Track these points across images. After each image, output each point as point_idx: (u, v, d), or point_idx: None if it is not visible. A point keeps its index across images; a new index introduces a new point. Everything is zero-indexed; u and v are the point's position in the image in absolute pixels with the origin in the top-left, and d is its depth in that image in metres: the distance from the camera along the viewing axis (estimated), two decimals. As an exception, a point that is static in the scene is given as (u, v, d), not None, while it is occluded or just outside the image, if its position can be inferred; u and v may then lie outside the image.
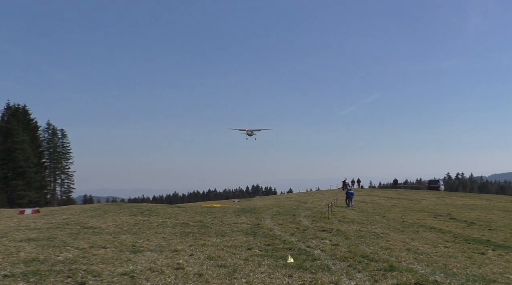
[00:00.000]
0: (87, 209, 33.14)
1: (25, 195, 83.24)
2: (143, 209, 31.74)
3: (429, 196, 63.40)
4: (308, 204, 45.91)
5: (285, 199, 58.28)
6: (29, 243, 16.48)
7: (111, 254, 14.76)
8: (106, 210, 31.03)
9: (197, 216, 28.34)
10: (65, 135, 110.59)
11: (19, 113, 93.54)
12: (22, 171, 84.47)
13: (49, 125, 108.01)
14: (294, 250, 16.64)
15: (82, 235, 19.30)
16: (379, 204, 47.29)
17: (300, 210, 35.82)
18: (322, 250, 16.85)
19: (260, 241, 18.69)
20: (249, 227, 23.62)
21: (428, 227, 29.11)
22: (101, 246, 16.25)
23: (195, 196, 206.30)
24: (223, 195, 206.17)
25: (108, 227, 22.36)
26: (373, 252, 17.29)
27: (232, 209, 34.82)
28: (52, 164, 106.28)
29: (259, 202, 53.72)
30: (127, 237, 18.82)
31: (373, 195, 60.96)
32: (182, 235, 19.88)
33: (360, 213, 35.65)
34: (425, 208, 44.18)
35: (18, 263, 13.00)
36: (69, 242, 16.86)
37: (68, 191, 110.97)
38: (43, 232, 20.17)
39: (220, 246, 17.08)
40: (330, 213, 31.42)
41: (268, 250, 16.41)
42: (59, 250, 15.14)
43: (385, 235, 23.19)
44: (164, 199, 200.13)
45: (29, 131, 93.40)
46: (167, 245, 16.84)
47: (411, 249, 18.92)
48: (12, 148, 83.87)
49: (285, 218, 28.28)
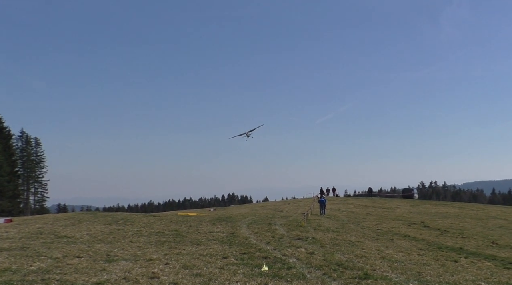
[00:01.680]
0: (61, 218, 32.79)
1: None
2: (118, 218, 31.53)
3: (403, 204, 63.88)
4: (284, 212, 46.03)
5: (260, 208, 58.33)
6: (1, 253, 16.29)
7: (85, 263, 14.65)
8: (81, 219, 30.76)
9: (172, 225, 28.24)
10: (39, 143, 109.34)
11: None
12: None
13: (23, 134, 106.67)
14: (269, 258, 16.67)
15: (56, 244, 19.12)
16: (354, 213, 47.54)
17: (275, 218, 35.89)
18: (297, 259, 16.91)
19: (236, 249, 18.69)
20: (224, 235, 23.60)
21: (402, 235, 29.36)
22: (75, 255, 16.12)
23: (170, 205, 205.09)
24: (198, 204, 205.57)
25: (82, 236, 22.19)
26: (348, 260, 17.39)
27: (207, 218, 34.77)
28: (25, 173, 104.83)
29: (235, 211, 53.71)
30: (101, 246, 18.68)
31: (348, 204, 61.23)
32: (157, 244, 19.80)
33: (335, 221, 35.82)
34: (400, 216, 44.54)
35: (-10, 273, 12.83)
36: (43, 252, 16.70)
37: (42, 200, 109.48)
38: (15, 241, 19.93)
39: (196, 255, 17.05)
40: (305, 222, 31.54)
41: (244, 259, 16.42)
42: (32, 259, 14.99)
43: (360, 243, 23.33)
44: (139, 208, 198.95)
45: (2, 140, 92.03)
46: (142, 254, 16.76)
47: (386, 257, 19.07)
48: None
49: (261, 227, 28.32)
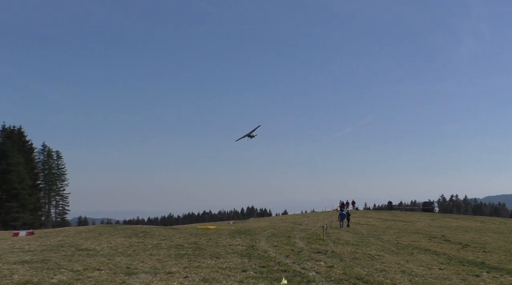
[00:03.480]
0: (81, 231, 33.02)
1: (19, 217, 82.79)
2: (137, 231, 31.67)
3: (423, 218, 63.34)
4: (303, 225, 45.87)
5: (280, 221, 58.18)
6: (23, 266, 16.44)
7: (106, 276, 14.74)
8: (101, 232, 30.93)
9: (192, 238, 28.28)
10: (60, 156, 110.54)
11: (15, 135, 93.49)
12: (16, 193, 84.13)
13: (45, 147, 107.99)
14: (289, 272, 16.63)
15: (76, 257, 19.26)
16: (374, 226, 47.23)
17: (295, 231, 35.78)
18: (317, 272, 16.85)
19: (255, 263, 18.66)
20: (244, 249, 23.57)
21: (423, 249, 29.08)
22: (96, 268, 16.22)
23: (190, 218, 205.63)
24: (218, 217, 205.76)
25: (102, 249, 22.32)
26: (368, 274, 17.29)
27: (227, 231, 34.75)
28: (47, 186, 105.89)
29: (254, 224, 53.65)
30: (121, 259, 18.77)
31: (368, 217, 60.88)
32: (177, 257, 19.84)
33: (355, 235, 35.60)
34: (420, 230, 44.14)
35: (12, 285, 12.99)
36: (63, 265, 16.82)
37: (63, 213, 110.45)
38: (37, 254, 20.11)
39: (215, 268, 17.06)
40: (325, 235, 31.40)
41: (263, 272, 16.39)
42: (53, 272, 15.12)
43: (380, 257, 23.17)
44: (159, 221, 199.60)
45: (24, 153, 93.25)
46: (161, 267, 16.81)
47: (406, 271, 18.92)
48: (7, 170, 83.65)
49: (280, 240, 28.24)
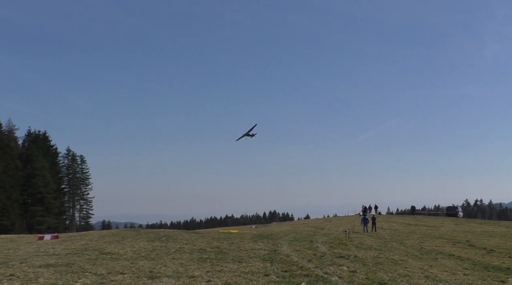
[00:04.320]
0: (105, 235, 33.31)
1: (44, 221, 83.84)
2: (160, 235, 31.83)
3: (447, 222, 62.69)
4: (326, 230, 45.71)
5: (302, 225, 58.02)
6: (48, 269, 16.63)
7: (129, 280, 14.84)
8: (124, 236, 31.17)
9: (214, 242, 28.34)
10: (84, 161, 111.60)
11: (39, 140, 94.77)
12: (41, 197, 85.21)
13: (69, 151, 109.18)
14: (311, 276, 16.58)
15: (100, 261, 19.43)
16: (397, 231, 46.88)
17: (317, 236, 35.67)
18: (339, 277, 16.78)
19: (277, 267, 18.64)
20: (266, 253, 23.56)
21: (447, 254, 28.79)
22: (119, 272, 16.34)
23: (212, 222, 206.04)
24: (240, 221, 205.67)
25: (126, 253, 22.48)
26: (391, 279, 17.17)
27: (249, 235, 34.76)
28: (71, 190, 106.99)
29: (276, 228, 53.57)
30: (144, 263, 18.89)
31: (391, 222, 60.45)
32: (200, 261, 19.90)
33: (378, 240, 35.37)
34: (444, 235, 43.68)
35: (37, 288, 13.16)
36: (87, 268, 16.98)
37: (87, 216, 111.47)
38: (61, 258, 20.33)
39: (237, 272, 17.07)
40: (347, 240, 31.25)
41: (285, 277, 16.37)
42: (77, 276, 15.27)
43: (403, 262, 23.00)
44: (181, 225, 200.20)
45: (49, 157, 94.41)
46: (184, 271, 16.88)
47: (430, 276, 18.75)
48: (32, 174, 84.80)
49: (302, 244, 28.18)
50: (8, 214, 77.05)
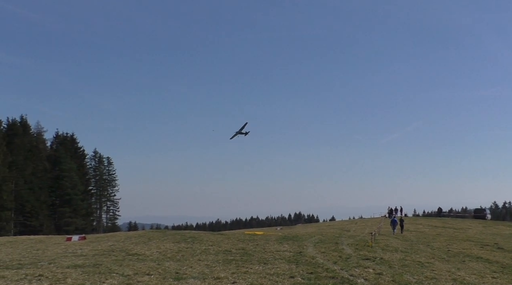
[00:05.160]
0: (131, 236, 33.58)
1: (72, 222, 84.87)
2: (186, 236, 31.99)
3: (475, 225, 61.90)
4: (351, 232, 45.49)
5: (327, 227, 57.82)
6: (75, 270, 16.84)
7: (155, 281, 14.96)
8: (150, 237, 31.38)
9: (239, 244, 28.38)
10: (111, 162, 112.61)
11: (67, 142, 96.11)
12: (69, 199, 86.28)
13: (96, 153, 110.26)
14: (337, 278, 16.52)
15: (127, 262, 19.61)
16: (423, 233, 46.46)
17: (343, 238, 35.50)
18: (365, 279, 16.69)
19: (303, 269, 18.60)
20: (291, 255, 23.52)
21: (475, 257, 28.44)
22: (145, 273, 16.48)
23: (237, 224, 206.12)
24: (265, 223, 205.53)
25: (152, 254, 22.65)
26: (418, 281, 17.03)
27: (274, 237, 34.75)
28: (98, 192, 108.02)
29: (302, 230, 53.47)
30: (170, 264, 19.01)
31: (417, 224, 59.92)
32: (225, 263, 19.95)
33: (404, 242, 35.07)
34: (471, 238, 43.15)
35: (65, 289, 13.34)
36: (114, 269, 17.15)
37: (114, 218, 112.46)
38: (89, 258, 20.57)
39: (263, 274, 17.08)
40: (373, 242, 31.05)
41: (311, 279, 16.33)
42: (104, 276, 15.43)
43: (430, 264, 22.78)
44: (207, 226, 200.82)
45: (77, 159, 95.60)
46: (210, 273, 16.94)
47: (457, 279, 18.55)
48: (60, 176, 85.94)
49: (328, 246, 28.07)
50: (37, 215, 78.17)
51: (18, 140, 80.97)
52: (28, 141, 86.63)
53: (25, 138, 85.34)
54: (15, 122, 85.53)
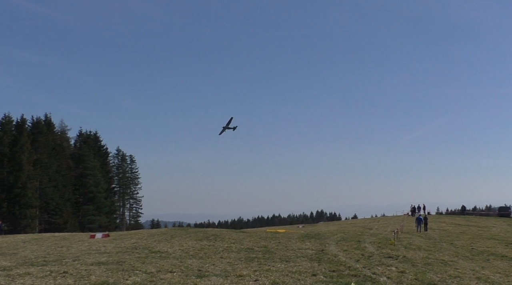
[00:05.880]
0: (154, 233, 33.76)
1: (95, 219, 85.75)
2: (208, 234, 32.09)
3: (499, 223, 61.00)
4: (373, 230, 45.24)
5: (349, 225, 57.57)
6: (99, 267, 17.02)
7: (178, 278, 15.05)
8: (173, 234, 31.51)
9: (261, 241, 28.40)
10: (133, 160, 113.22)
11: (91, 140, 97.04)
12: (92, 196, 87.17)
13: (119, 151, 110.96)
14: (359, 276, 16.48)
15: (150, 259, 19.74)
16: (447, 231, 46.00)
17: (365, 236, 35.33)
18: (388, 277, 16.63)
19: (325, 267, 18.59)
20: (313, 252, 23.50)
21: (499, 255, 28.08)
22: (168, 270, 16.58)
23: (259, 221, 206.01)
24: (287, 221, 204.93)
25: (174, 251, 22.77)
26: (441, 280, 16.92)
27: (296, 235, 34.71)
28: (121, 189, 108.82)
29: (324, 228, 53.32)
30: (193, 262, 19.10)
31: (440, 222, 59.31)
32: (247, 260, 20.00)
33: (427, 240, 34.78)
34: (496, 236, 42.56)
35: (89, 286, 13.49)
36: (138, 266, 17.29)
37: (136, 215, 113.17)
38: (112, 256, 20.75)
39: (285, 271, 17.10)
40: (396, 240, 30.86)
41: (333, 276, 16.32)
42: (127, 274, 15.57)
43: (453, 262, 22.58)
44: (229, 224, 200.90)
45: (100, 157, 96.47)
46: (232, 270, 17.00)
47: (482, 277, 18.37)
48: (84, 173, 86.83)
49: (350, 244, 27.97)
50: (61, 212, 79.07)
51: (43, 139, 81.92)
52: (52, 139, 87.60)
53: (50, 137, 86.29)
54: (39, 120, 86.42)
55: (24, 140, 76.25)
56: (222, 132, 64.61)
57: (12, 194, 73.41)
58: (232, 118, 62.90)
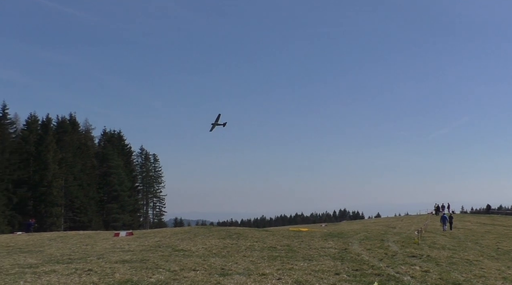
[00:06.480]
0: (177, 232, 33.88)
1: (119, 218, 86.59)
2: (231, 232, 32.13)
3: (526, 222, 60.23)
4: (397, 229, 44.92)
5: (373, 224, 57.30)
6: (123, 265, 17.17)
7: (201, 276, 15.12)
8: (196, 233, 31.61)
9: (284, 240, 28.36)
10: (157, 159, 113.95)
11: (114, 139, 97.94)
12: (116, 195, 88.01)
13: (142, 150, 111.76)
14: (382, 276, 16.39)
15: (173, 257, 19.85)
16: (472, 230, 45.53)
17: (388, 235, 35.09)
18: (412, 277, 16.51)
19: (348, 266, 18.51)
20: (336, 251, 23.42)
21: (526, 255, 27.70)
22: (191, 268, 16.65)
23: (282, 220, 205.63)
24: (310, 219, 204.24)
25: (198, 250, 22.85)
26: (466, 279, 16.74)
27: (319, 233, 34.59)
28: (144, 188, 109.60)
29: (347, 227, 53.09)
30: (216, 260, 19.15)
31: (465, 221, 58.76)
32: (270, 259, 19.99)
33: (452, 239, 34.46)
34: (522, 235, 42.02)
35: (113, 284, 13.65)
36: (161, 264, 17.40)
37: (160, 214, 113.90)
38: (136, 254, 20.91)
39: (308, 270, 17.06)
40: (419, 239, 30.61)
41: (356, 275, 16.25)
42: (151, 272, 15.68)
43: (478, 262, 22.32)
44: (251, 223, 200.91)
45: (124, 156, 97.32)
46: (255, 269, 17.01)
47: (508, 277, 18.13)
48: (108, 172, 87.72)
49: (373, 243, 27.81)
50: (85, 211, 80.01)
51: (68, 138, 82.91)
52: (77, 138, 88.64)
53: (74, 136, 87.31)
54: (64, 120, 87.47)
55: (49, 139, 77.23)
56: (212, 128, 64.90)
57: (38, 193, 74.42)
58: (220, 115, 63.00)
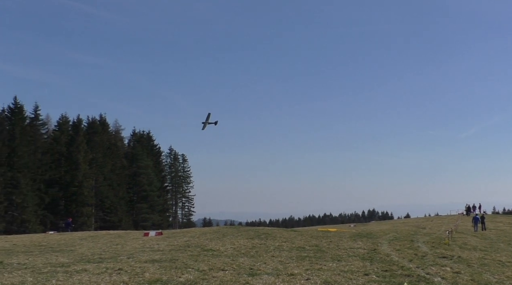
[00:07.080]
0: (206, 232, 34.05)
1: (148, 217, 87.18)
2: (260, 232, 32.18)
3: (561, 223, 58.99)
4: (427, 229, 44.42)
5: (402, 224, 56.73)
6: (153, 264, 17.34)
7: (230, 276, 15.19)
8: (225, 233, 31.74)
9: (313, 240, 28.31)
10: (185, 159, 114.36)
11: (144, 139, 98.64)
12: (146, 195, 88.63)
13: (171, 150, 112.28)
14: (412, 276, 16.26)
15: (202, 257, 19.97)
16: (504, 231, 44.80)
17: (418, 235, 34.76)
18: (442, 278, 16.35)
19: (377, 266, 18.41)
20: (365, 252, 23.31)
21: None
22: (220, 268, 16.73)
23: (310, 220, 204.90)
24: (338, 220, 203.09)
25: (226, 249, 22.95)
26: (499, 281, 16.53)
27: (348, 234, 34.44)
28: (173, 188, 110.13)
29: (376, 227, 52.70)
30: (244, 260, 19.21)
31: (497, 222, 57.80)
32: (298, 259, 19.98)
33: (483, 240, 33.96)
34: (557, 236, 41.20)
35: (143, 283, 13.79)
36: (190, 264, 17.52)
37: (189, 214, 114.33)
38: (165, 253, 21.09)
39: (337, 271, 17.02)
40: (450, 240, 30.25)
41: (386, 276, 16.16)
42: (180, 271, 15.80)
43: (511, 264, 21.98)
44: (280, 223, 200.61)
45: (153, 156, 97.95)
46: (283, 269, 17.03)
47: (541, 279, 17.82)
48: (137, 172, 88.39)
49: (403, 244, 27.60)
50: (115, 211, 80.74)
51: (98, 138, 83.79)
52: (107, 139, 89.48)
53: (104, 136, 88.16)
54: (94, 120, 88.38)
55: (80, 140, 78.15)
56: (204, 127, 65.14)
57: (69, 193, 75.34)
58: (209, 114, 63.11)
